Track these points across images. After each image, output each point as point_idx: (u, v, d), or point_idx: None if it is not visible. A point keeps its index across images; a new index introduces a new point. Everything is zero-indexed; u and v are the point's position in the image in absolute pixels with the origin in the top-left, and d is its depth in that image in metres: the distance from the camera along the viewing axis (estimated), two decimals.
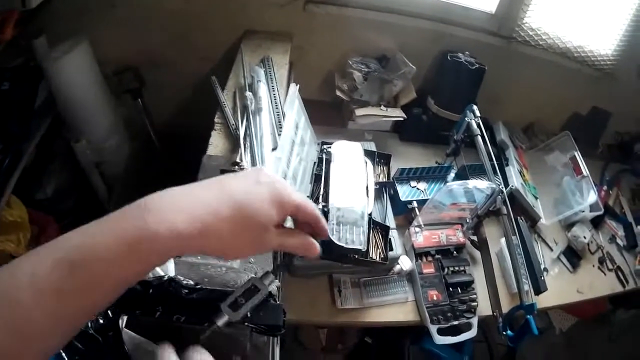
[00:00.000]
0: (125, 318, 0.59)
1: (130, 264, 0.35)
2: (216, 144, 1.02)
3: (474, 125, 1.17)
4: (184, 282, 0.64)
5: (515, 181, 1.32)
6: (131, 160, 1.50)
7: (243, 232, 0.40)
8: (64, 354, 0.66)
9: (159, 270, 0.65)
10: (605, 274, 1.46)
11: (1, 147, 1.39)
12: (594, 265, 1.47)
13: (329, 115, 1.45)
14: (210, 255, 0.53)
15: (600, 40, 1.54)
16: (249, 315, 0.55)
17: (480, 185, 1.10)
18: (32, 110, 1.47)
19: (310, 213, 0.45)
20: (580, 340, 1.97)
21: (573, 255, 1.44)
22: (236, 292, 0.55)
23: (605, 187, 1.66)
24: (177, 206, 0.37)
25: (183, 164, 1.23)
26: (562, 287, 1.35)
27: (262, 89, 1.08)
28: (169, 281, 0.62)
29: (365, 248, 0.99)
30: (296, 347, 1.49)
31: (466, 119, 1.18)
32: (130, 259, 0.35)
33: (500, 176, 1.18)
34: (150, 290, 0.62)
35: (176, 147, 1.47)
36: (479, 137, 1.16)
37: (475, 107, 1.19)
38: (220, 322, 0.53)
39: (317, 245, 0.48)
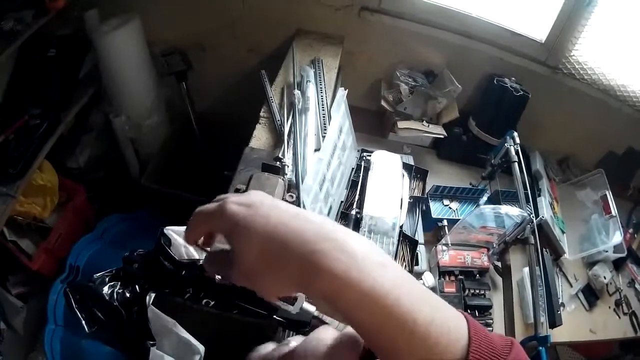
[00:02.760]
0: (153, 296, 0.59)
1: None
2: (259, 137, 1.03)
3: (512, 152, 1.17)
4: None
5: (546, 212, 1.31)
6: (167, 141, 1.52)
7: None
8: (84, 322, 0.67)
9: (194, 253, 0.64)
10: (619, 317, 1.45)
11: (40, 111, 1.42)
12: (610, 307, 1.45)
13: (370, 123, 1.45)
14: None
15: None
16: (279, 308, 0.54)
17: (512, 212, 1.10)
18: (75, 80, 1.51)
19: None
20: None
21: (591, 294, 1.42)
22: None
23: (631, 230, 1.64)
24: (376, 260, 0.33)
25: (219, 152, 1.25)
26: (576, 325, 1.34)
27: (311, 89, 1.09)
28: (202, 264, 0.63)
29: (393, 260, 1.00)
30: None
31: (505, 144, 1.18)
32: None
33: (531, 206, 1.17)
34: (183, 272, 0.61)
35: (214, 134, 1.49)
36: (516, 164, 1.16)
37: (515, 133, 1.18)
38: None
39: None
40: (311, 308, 0.52)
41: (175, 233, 0.69)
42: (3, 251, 1.41)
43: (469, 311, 1.14)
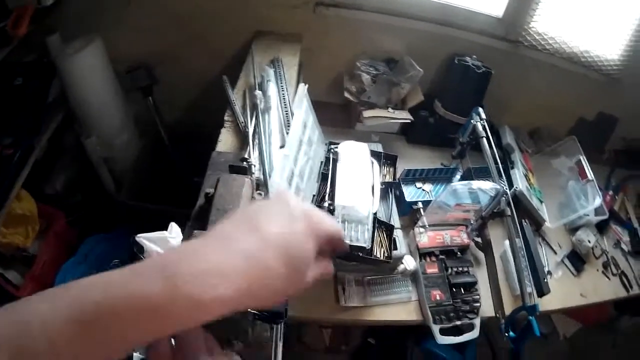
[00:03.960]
0: None
1: (155, 331, 0.31)
2: (225, 141, 1.04)
3: (480, 128, 1.18)
4: None
5: (520, 184, 1.32)
6: (140, 156, 1.52)
7: (292, 277, 0.35)
8: None
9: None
10: (609, 279, 1.46)
11: (12, 140, 1.42)
12: (598, 270, 1.46)
13: (337, 116, 1.46)
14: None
15: (607, 45, 1.54)
16: None
17: (484, 186, 1.11)
18: (44, 106, 1.50)
19: (340, 236, 0.42)
20: (584, 347, 1.96)
21: (577, 260, 1.44)
22: None
23: (610, 192, 1.66)
24: (214, 265, 0.32)
25: (191, 161, 1.26)
26: (565, 291, 1.35)
27: (272, 89, 1.10)
28: None
29: (370, 246, 1.01)
30: (300, 348, 1.49)
31: (472, 121, 1.19)
32: (155, 327, 0.30)
33: (505, 179, 1.19)
34: None
35: (185, 145, 1.49)
36: (484, 140, 1.17)
37: (481, 109, 1.19)
38: None
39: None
40: None
41: (147, 240, 0.70)
42: None
43: (454, 289, 1.15)
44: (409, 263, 1.13)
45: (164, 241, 0.70)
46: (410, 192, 1.26)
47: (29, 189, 1.45)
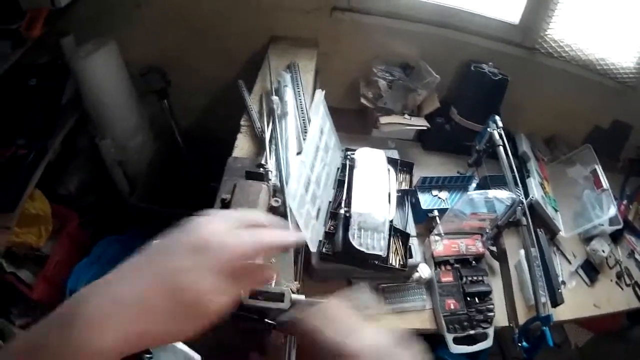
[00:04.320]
0: None
1: None
2: (242, 146, 1.04)
3: (496, 136, 1.17)
4: None
5: (536, 193, 1.31)
6: (154, 159, 1.53)
7: (188, 322, 0.35)
8: None
9: None
10: (622, 289, 1.44)
11: (25, 141, 1.43)
12: (611, 280, 1.45)
13: (353, 122, 1.46)
14: None
15: (623, 53, 1.52)
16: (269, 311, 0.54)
17: (501, 196, 1.10)
18: (58, 107, 1.51)
19: (269, 247, 0.41)
20: (596, 356, 1.94)
21: (591, 269, 1.42)
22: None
23: (625, 202, 1.64)
24: (105, 311, 0.32)
25: (206, 164, 1.26)
26: (579, 301, 1.34)
27: (289, 94, 1.10)
28: None
29: (386, 254, 1.00)
30: None
31: (488, 129, 1.19)
32: None
33: (521, 187, 1.18)
34: None
35: (199, 148, 1.49)
36: (501, 148, 1.16)
37: (497, 117, 1.19)
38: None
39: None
40: (300, 297, 0.53)
41: None
42: (2, 283, 1.42)
43: (468, 299, 1.14)
44: (424, 271, 1.12)
45: None
46: (426, 200, 1.25)
47: (43, 189, 1.46)
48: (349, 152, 1.13)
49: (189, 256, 0.35)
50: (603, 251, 1.43)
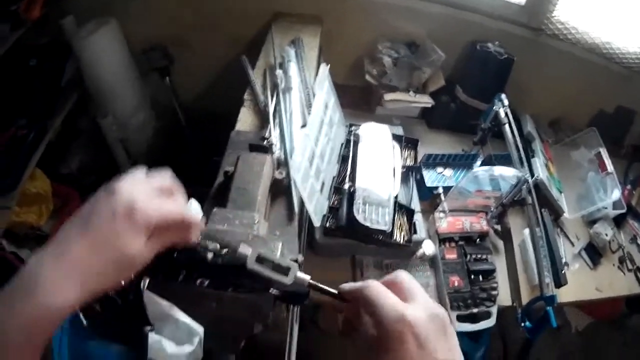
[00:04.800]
0: (147, 280, 0.59)
1: (33, 341, 0.36)
2: (244, 120, 1.03)
3: (502, 114, 1.17)
4: (210, 246, 0.64)
5: (541, 173, 1.31)
6: (156, 137, 1.52)
7: (121, 272, 0.42)
8: (81, 316, 0.66)
9: None
10: (624, 274, 1.44)
11: (26, 121, 1.42)
12: (614, 264, 1.44)
13: (357, 100, 1.44)
14: None
15: (628, 38, 1.51)
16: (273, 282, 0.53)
17: (506, 173, 1.10)
18: (58, 87, 1.51)
19: (174, 220, 0.45)
20: (596, 342, 1.95)
21: (594, 253, 1.42)
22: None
23: (628, 187, 1.64)
24: (59, 273, 0.38)
25: (208, 142, 1.24)
26: (581, 283, 1.34)
27: (293, 69, 1.09)
28: (194, 245, 0.62)
29: (390, 229, 0.99)
30: (314, 331, 1.48)
31: (494, 107, 1.18)
32: (32, 338, 0.36)
33: (526, 167, 1.17)
34: (175, 254, 0.61)
35: (202, 125, 1.48)
36: (507, 126, 1.16)
37: (503, 95, 1.18)
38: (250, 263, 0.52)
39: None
40: (306, 277, 0.52)
41: None
42: (3, 263, 1.41)
43: (472, 276, 1.14)
44: (428, 248, 1.11)
45: None
46: (430, 177, 1.24)
47: (44, 169, 1.45)
48: (353, 128, 1.12)
49: (119, 221, 0.40)
50: (606, 235, 1.43)
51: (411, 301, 0.41)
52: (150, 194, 0.43)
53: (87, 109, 1.51)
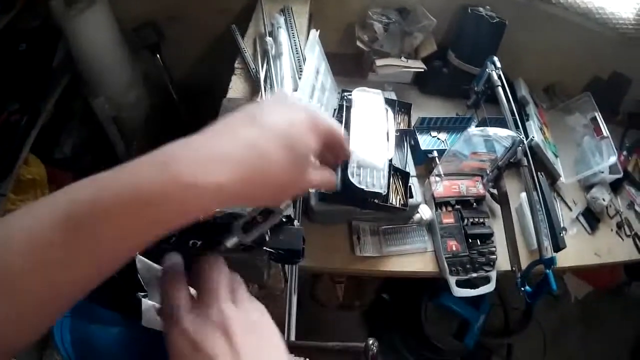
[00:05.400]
0: None
1: (150, 226, 0.29)
2: (236, 88, 1.02)
3: (495, 77, 1.16)
4: None
5: (536, 136, 1.30)
6: (150, 115, 1.51)
7: (294, 169, 0.34)
8: None
9: None
10: (623, 240, 1.44)
11: (18, 106, 1.41)
12: (612, 230, 1.45)
13: (349, 67, 1.43)
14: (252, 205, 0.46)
15: (623, 2, 1.50)
16: (266, 238, 0.51)
17: (501, 134, 1.09)
18: (49, 70, 1.49)
19: (341, 137, 0.40)
20: (595, 310, 1.96)
21: (592, 217, 1.42)
22: (252, 211, 0.50)
23: (625, 153, 1.64)
24: (215, 152, 0.30)
25: (202, 117, 1.24)
26: (580, 248, 1.34)
27: (283, 35, 1.08)
28: None
29: (386, 192, 0.99)
30: (313, 304, 1.49)
31: (487, 70, 1.17)
32: (150, 221, 0.28)
33: (521, 130, 1.16)
34: None
35: (195, 101, 1.47)
36: (500, 88, 1.15)
37: (496, 58, 1.17)
38: (229, 243, 0.47)
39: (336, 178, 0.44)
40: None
41: None
42: None
43: (470, 240, 1.14)
44: (425, 212, 1.11)
45: None
46: (425, 141, 1.24)
47: (38, 154, 1.44)
48: (345, 93, 1.11)
49: (290, 111, 0.35)
50: (603, 199, 1.43)
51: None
52: None
53: (79, 90, 1.49)
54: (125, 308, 0.75)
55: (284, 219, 0.65)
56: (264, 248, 0.57)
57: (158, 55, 1.43)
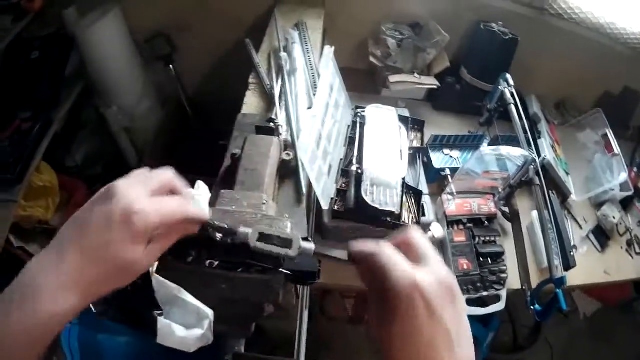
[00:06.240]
0: (156, 264, 0.57)
1: (30, 348, 0.36)
2: (250, 103, 1.02)
3: (508, 94, 1.16)
4: (220, 226, 0.63)
5: (548, 154, 1.30)
6: (162, 126, 1.51)
7: (122, 279, 0.41)
8: (91, 305, 0.65)
9: None
10: (632, 257, 1.43)
11: (31, 114, 1.42)
12: (622, 248, 1.43)
13: (362, 82, 1.44)
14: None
15: (633, 18, 1.50)
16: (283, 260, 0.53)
17: (513, 153, 1.09)
18: (62, 78, 1.50)
19: (177, 218, 0.43)
20: (604, 327, 1.94)
21: (602, 235, 1.41)
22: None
23: (635, 169, 1.63)
24: (58, 283, 0.37)
25: (214, 129, 1.24)
26: (590, 267, 1.33)
27: (297, 51, 1.08)
28: (203, 225, 0.61)
29: (399, 211, 0.99)
30: (323, 319, 1.48)
31: (500, 87, 1.17)
32: (29, 345, 0.36)
33: (533, 148, 1.16)
34: None
35: (207, 113, 1.47)
36: (513, 106, 1.15)
37: (508, 75, 1.17)
38: (252, 242, 0.50)
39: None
40: (311, 246, 0.51)
41: None
42: (12, 259, 1.41)
43: (481, 259, 1.13)
44: (437, 230, 1.09)
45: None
46: (438, 159, 1.23)
47: (50, 162, 1.45)
48: (359, 110, 1.12)
49: (116, 229, 0.39)
50: (614, 217, 1.42)
51: (422, 263, 0.39)
52: (150, 195, 0.41)
53: (92, 99, 1.50)
54: (137, 323, 0.75)
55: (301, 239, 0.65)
56: (281, 270, 0.58)
57: (171, 67, 1.44)
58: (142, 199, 0.40)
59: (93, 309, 0.64)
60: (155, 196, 0.42)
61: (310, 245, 0.51)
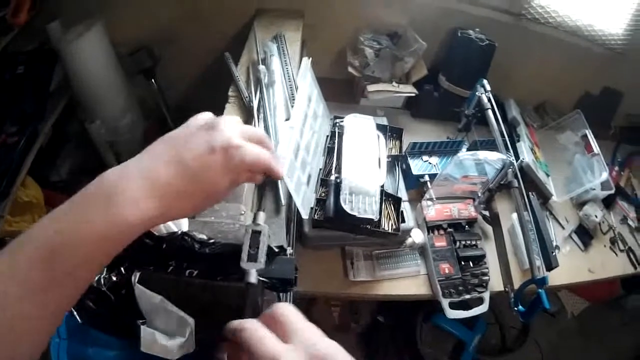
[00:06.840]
0: (138, 274, 0.60)
1: (103, 251, 0.37)
2: (230, 115, 1.03)
3: (485, 100, 1.18)
4: (198, 236, 0.65)
5: (527, 156, 1.32)
6: (145, 138, 1.52)
7: (202, 202, 0.43)
8: (75, 314, 0.67)
9: (172, 226, 0.64)
10: (616, 255, 1.46)
11: (17, 129, 1.42)
12: (605, 246, 1.46)
13: (341, 92, 1.45)
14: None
15: (611, 19, 1.52)
16: (262, 265, 0.56)
17: (491, 157, 1.10)
18: (47, 92, 1.50)
19: (265, 163, 0.45)
20: (593, 325, 1.96)
21: (585, 234, 1.43)
22: (244, 246, 0.57)
23: (616, 168, 1.65)
24: (143, 191, 0.38)
25: None
26: (573, 266, 1.35)
27: (275, 63, 1.09)
28: (182, 236, 0.63)
29: (378, 218, 1.00)
30: None
31: (477, 93, 1.19)
32: (103, 247, 0.37)
33: (512, 152, 1.18)
34: (164, 245, 0.62)
35: None
36: (490, 111, 1.16)
37: (485, 81, 1.19)
38: (252, 278, 0.55)
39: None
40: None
41: None
42: None
43: (462, 263, 1.15)
44: (417, 236, 1.12)
45: None
46: (416, 165, 1.25)
47: (34, 177, 1.45)
48: (337, 120, 1.13)
49: (217, 156, 0.41)
50: (596, 216, 1.44)
51: (291, 339, 0.37)
52: (244, 138, 0.44)
53: (76, 113, 1.51)
54: (123, 332, 0.76)
55: (276, 249, 0.67)
56: (259, 278, 0.59)
57: (153, 80, 1.45)
58: (240, 137, 0.43)
59: (78, 319, 0.65)
60: (248, 140, 0.44)
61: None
